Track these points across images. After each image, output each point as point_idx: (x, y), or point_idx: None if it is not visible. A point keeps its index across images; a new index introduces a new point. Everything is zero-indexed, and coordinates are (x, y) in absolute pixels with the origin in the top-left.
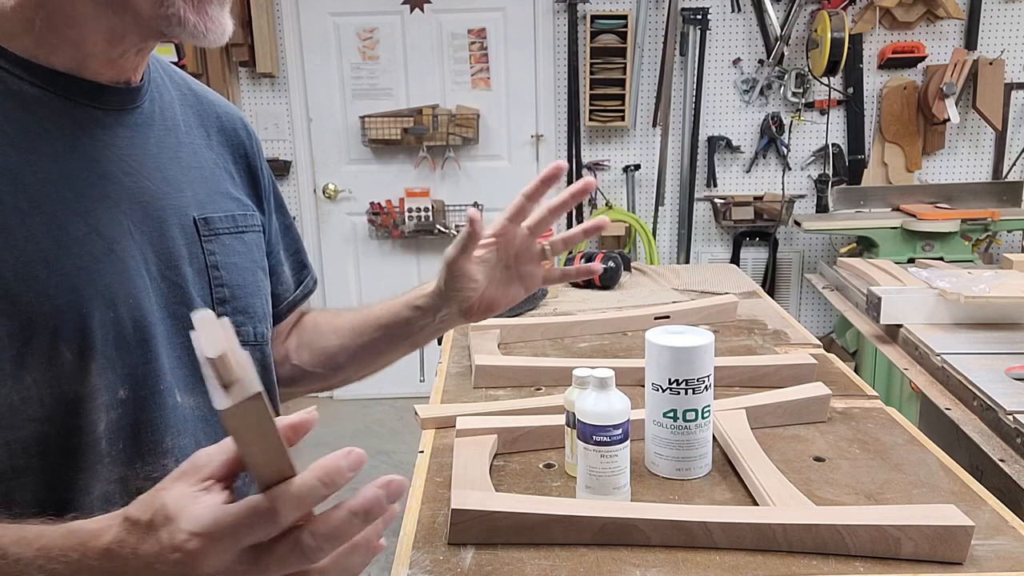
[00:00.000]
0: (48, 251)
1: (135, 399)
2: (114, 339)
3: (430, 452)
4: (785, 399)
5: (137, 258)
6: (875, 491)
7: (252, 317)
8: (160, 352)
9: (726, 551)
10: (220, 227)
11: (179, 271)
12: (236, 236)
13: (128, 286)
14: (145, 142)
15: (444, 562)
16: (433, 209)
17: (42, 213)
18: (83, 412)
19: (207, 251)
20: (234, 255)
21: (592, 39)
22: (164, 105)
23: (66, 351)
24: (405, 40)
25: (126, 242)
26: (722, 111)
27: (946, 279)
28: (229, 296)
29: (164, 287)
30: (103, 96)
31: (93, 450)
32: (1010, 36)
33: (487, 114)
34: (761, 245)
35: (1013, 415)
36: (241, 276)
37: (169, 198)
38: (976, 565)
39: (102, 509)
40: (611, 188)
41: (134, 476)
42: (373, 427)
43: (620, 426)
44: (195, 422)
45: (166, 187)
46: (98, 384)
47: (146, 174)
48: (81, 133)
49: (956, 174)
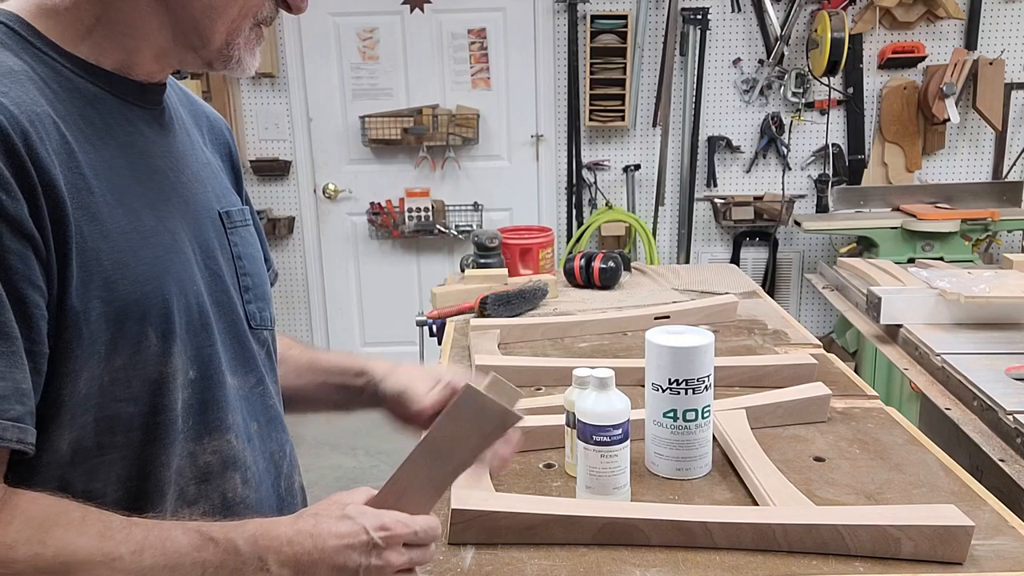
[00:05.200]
0: (133, 241)
1: (202, 379)
2: (187, 323)
3: None
4: (785, 399)
5: (189, 249)
6: (875, 491)
7: (267, 302)
8: (216, 336)
9: (726, 551)
10: (237, 220)
11: (217, 261)
12: (246, 228)
13: (191, 274)
14: (174, 139)
15: (444, 562)
16: (433, 209)
17: (122, 205)
18: (164, 391)
19: (232, 242)
20: (249, 246)
21: (592, 39)
22: (173, 105)
23: (152, 335)
24: (405, 40)
25: (182, 233)
26: (722, 111)
27: (946, 279)
28: (251, 284)
29: (208, 276)
30: (145, 95)
31: (172, 427)
32: (1010, 36)
33: (487, 114)
34: (761, 245)
35: (1013, 415)
36: (256, 265)
37: (200, 193)
38: (976, 565)
39: (176, 483)
40: (611, 188)
41: (201, 451)
42: (373, 427)
43: (620, 426)
44: (240, 401)
45: (195, 182)
46: (176, 365)
47: (181, 170)
48: (134, 130)
49: (956, 174)
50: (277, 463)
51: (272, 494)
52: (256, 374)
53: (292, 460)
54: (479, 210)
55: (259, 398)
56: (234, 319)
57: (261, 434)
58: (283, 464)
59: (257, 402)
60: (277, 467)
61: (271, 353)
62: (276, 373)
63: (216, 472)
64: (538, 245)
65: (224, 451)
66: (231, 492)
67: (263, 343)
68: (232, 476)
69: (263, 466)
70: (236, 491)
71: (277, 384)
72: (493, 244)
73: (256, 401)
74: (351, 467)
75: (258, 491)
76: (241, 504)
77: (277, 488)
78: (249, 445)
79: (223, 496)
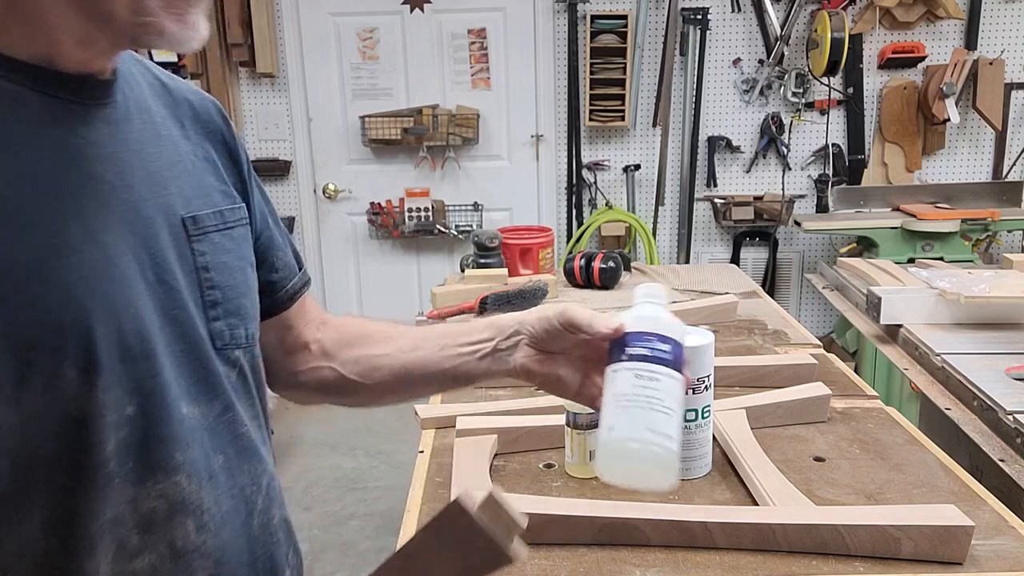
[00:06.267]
0: (48, 263)
1: (144, 414)
2: (120, 353)
3: (430, 452)
4: (785, 399)
5: (133, 264)
6: (875, 491)
7: (243, 318)
8: (164, 362)
9: (726, 551)
10: (208, 225)
11: (173, 275)
12: (224, 233)
13: (128, 295)
14: (127, 138)
15: None
16: (433, 209)
17: (38, 221)
18: (91, 431)
19: (197, 252)
20: (224, 254)
21: (592, 39)
22: (137, 98)
23: (70, 370)
24: (405, 40)
25: (122, 247)
26: (722, 111)
27: (946, 279)
28: (220, 298)
29: (161, 292)
30: (81, 89)
31: (102, 470)
32: (1010, 36)
33: (487, 114)
34: (761, 245)
35: (1013, 415)
36: (231, 276)
37: (156, 197)
38: (976, 565)
39: (113, 533)
40: (611, 188)
41: (144, 496)
42: (373, 427)
43: (669, 341)
44: (201, 432)
45: (152, 185)
46: (105, 402)
47: (132, 172)
48: (65, 131)
49: (956, 174)
50: (249, 499)
51: (241, 535)
52: (223, 400)
53: (271, 494)
54: (479, 210)
55: (226, 427)
56: (194, 340)
57: (228, 468)
58: (257, 500)
59: (224, 432)
60: (249, 504)
61: (248, 374)
62: (257, 395)
63: (162, 519)
64: (538, 245)
65: (172, 495)
66: (181, 540)
67: (235, 364)
68: (183, 522)
69: (228, 505)
70: (188, 538)
71: (257, 407)
72: (493, 244)
73: (222, 431)
74: (351, 467)
75: (219, 535)
76: (195, 552)
77: (248, 528)
78: (209, 484)
79: (171, 545)
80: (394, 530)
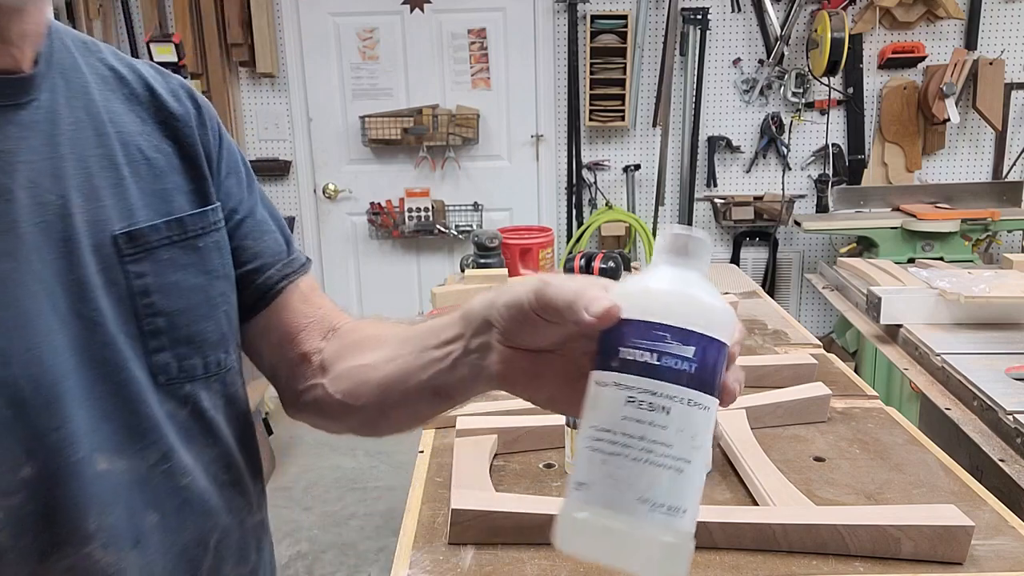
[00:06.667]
0: None
1: (45, 476)
2: (13, 407)
3: (430, 452)
4: (785, 399)
5: (40, 296)
6: (875, 491)
7: (200, 345)
8: (74, 412)
9: (726, 551)
10: (154, 239)
11: (95, 304)
12: (182, 245)
13: (25, 336)
14: (48, 144)
15: (444, 562)
16: (433, 209)
17: None
18: None
19: (132, 274)
20: (176, 271)
21: (592, 39)
22: (73, 93)
23: None
24: (405, 40)
25: (24, 277)
26: (722, 111)
27: (946, 279)
28: (166, 326)
29: (78, 327)
30: None
31: None
32: (1010, 36)
33: (487, 114)
34: (761, 245)
35: (1013, 415)
36: (184, 297)
37: (82, 213)
38: (976, 565)
39: None
40: (611, 188)
41: (46, 573)
42: None
43: (696, 339)
44: (127, 489)
45: (78, 198)
46: None
47: (50, 185)
48: None
49: (956, 174)
50: (194, 561)
51: None
52: (159, 447)
53: (224, 550)
54: (479, 210)
55: (164, 479)
56: (123, 380)
57: (165, 528)
58: (203, 560)
59: (160, 485)
60: (194, 566)
61: (207, 411)
62: (228, 432)
63: None
64: (538, 245)
65: (84, 569)
66: None
67: (184, 401)
68: None
69: (165, 570)
70: None
71: (224, 447)
72: (493, 244)
73: (158, 484)
74: (351, 467)
75: None
76: None
77: None
78: (135, 551)
79: None
80: (394, 530)
